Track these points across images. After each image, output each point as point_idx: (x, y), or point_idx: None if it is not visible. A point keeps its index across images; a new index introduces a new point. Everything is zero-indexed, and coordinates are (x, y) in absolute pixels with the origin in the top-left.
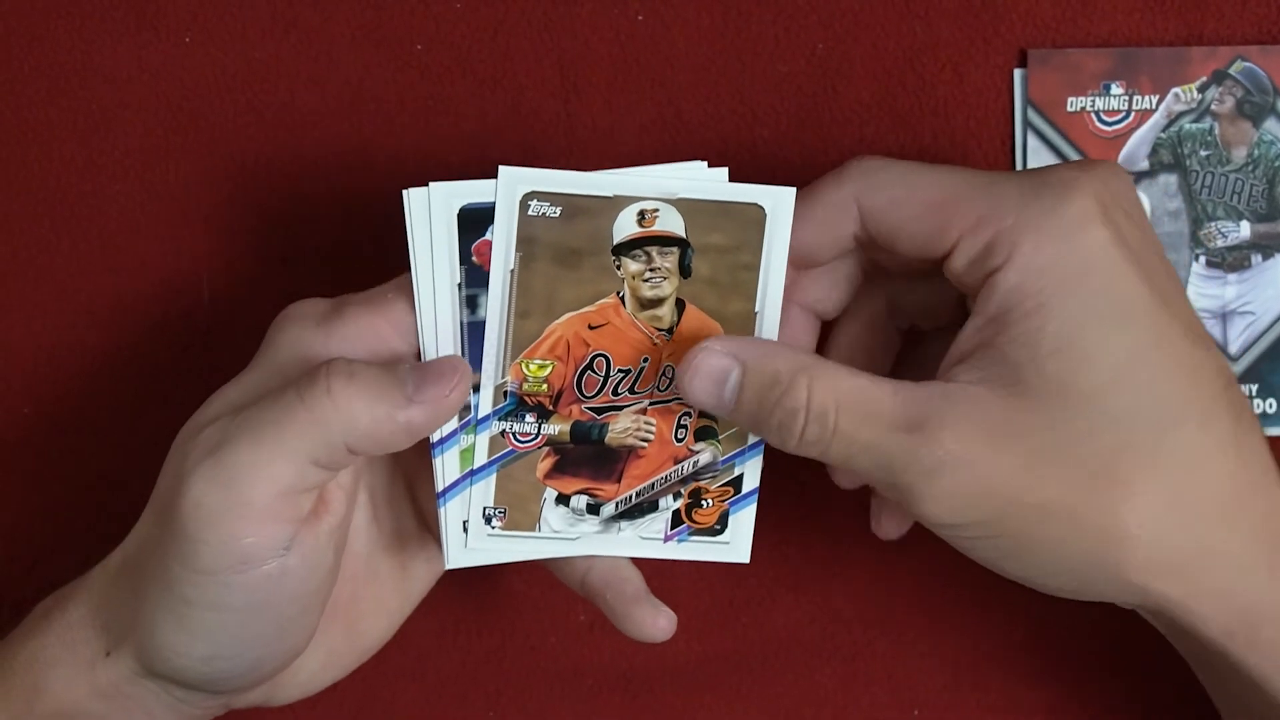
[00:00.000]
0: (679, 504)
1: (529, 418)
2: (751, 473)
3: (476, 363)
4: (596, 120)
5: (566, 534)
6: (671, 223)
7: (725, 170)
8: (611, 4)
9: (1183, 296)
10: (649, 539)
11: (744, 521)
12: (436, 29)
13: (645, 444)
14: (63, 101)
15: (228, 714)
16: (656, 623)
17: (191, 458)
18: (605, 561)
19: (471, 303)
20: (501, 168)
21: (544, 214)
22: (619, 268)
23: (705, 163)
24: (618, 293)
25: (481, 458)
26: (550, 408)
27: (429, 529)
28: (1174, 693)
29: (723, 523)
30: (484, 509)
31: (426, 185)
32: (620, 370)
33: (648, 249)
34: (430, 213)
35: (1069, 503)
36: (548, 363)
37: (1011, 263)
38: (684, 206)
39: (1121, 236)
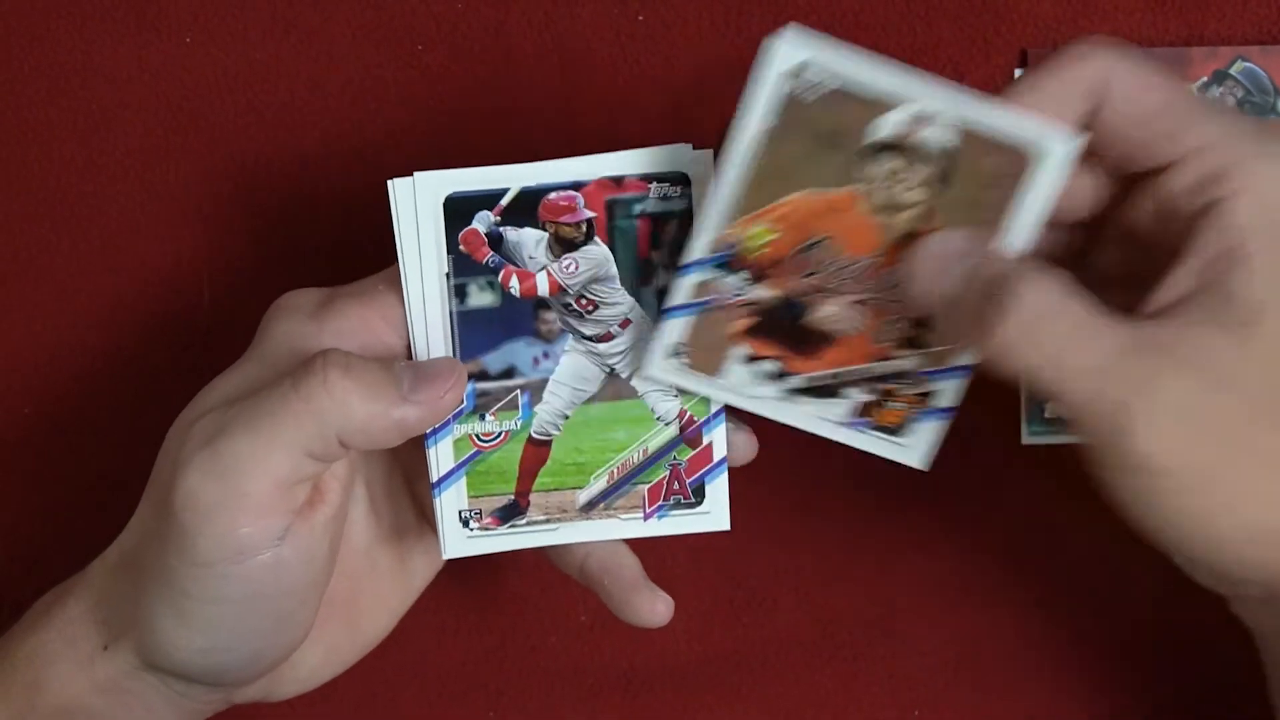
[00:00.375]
0: (866, 397)
1: (741, 276)
2: (949, 392)
3: (471, 350)
4: (597, 120)
5: (744, 391)
6: (940, 135)
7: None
8: (612, 4)
9: None
10: (827, 419)
11: (928, 432)
12: (437, 29)
13: (848, 334)
14: (63, 101)
15: (231, 712)
16: (655, 608)
17: (187, 449)
18: (603, 548)
19: (460, 292)
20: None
21: (816, 86)
22: (874, 163)
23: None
24: (866, 186)
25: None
26: (765, 274)
27: (428, 522)
28: (1174, 694)
29: (906, 427)
30: (460, 512)
31: (411, 175)
32: (846, 259)
33: (907, 154)
34: (416, 202)
35: None
36: (774, 230)
37: (1246, 194)
38: (958, 123)
39: None
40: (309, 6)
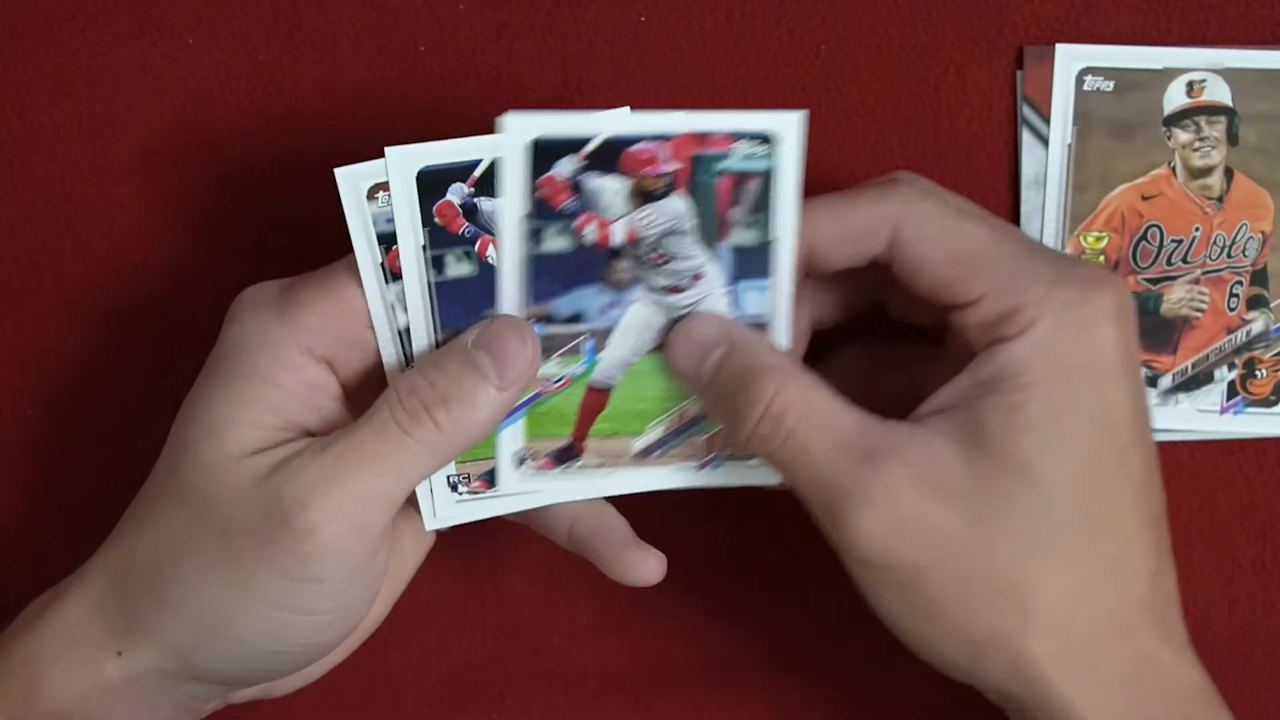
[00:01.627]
0: (1234, 375)
1: None
2: None
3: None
4: None
5: None
6: (1219, 92)
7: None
8: (615, 6)
9: (1149, 417)
10: (1204, 411)
11: None
12: (440, 31)
13: (1199, 314)
14: (66, 104)
15: (235, 712)
16: (647, 564)
17: (292, 492)
18: (589, 510)
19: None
20: (1029, 49)
21: (1098, 89)
22: (1169, 139)
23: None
24: (1169, 163)
25: None
26: None
27: (411, 505)
28: None
29: (1277, 393)
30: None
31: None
32: (1173, 240)
33: (1196, 119)
34: (389, 178)
35: (996, 575)
36: (1104, 234)
37: (1025, 337)
38: (1231, 76)
39: (1126, 344)
40: (312, 8)
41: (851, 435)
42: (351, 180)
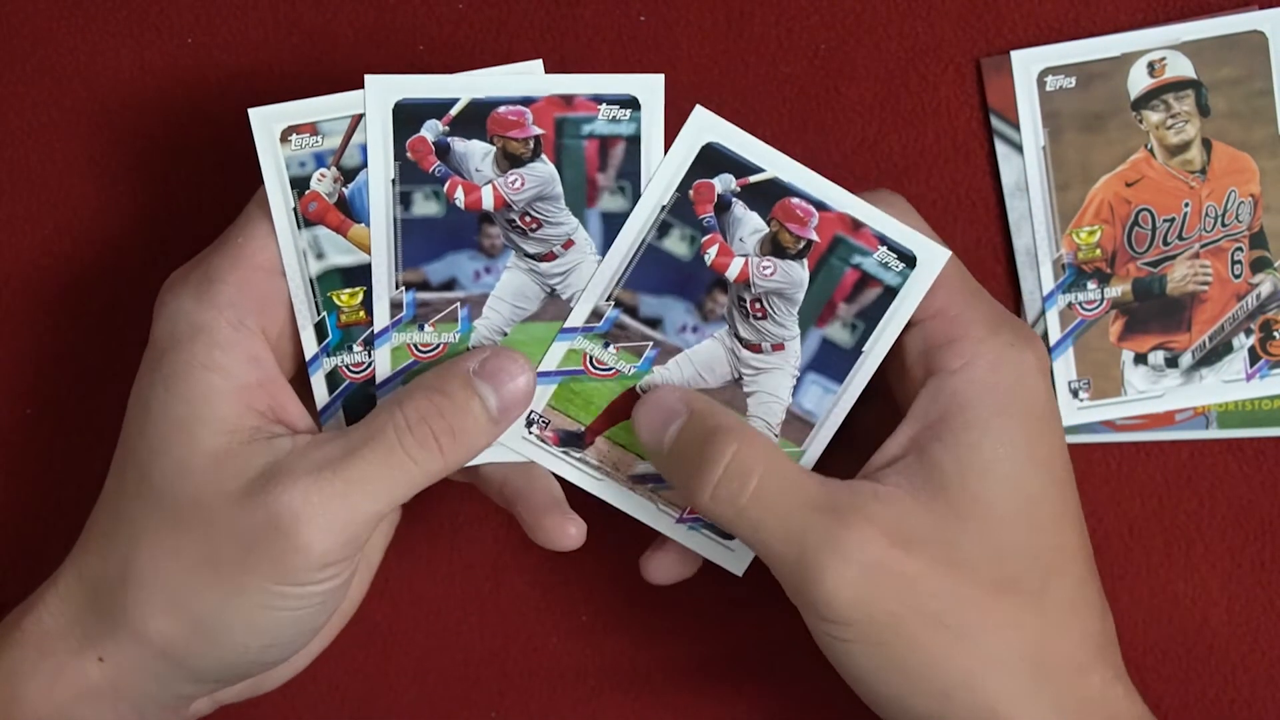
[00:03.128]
0: (1252, 340)
1: (1090, 285)
2: None
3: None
4: None
5: (1151, 393)
6: (1181, 67)
7: (1250, 11)
8: (614, 5)
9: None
10: (1230, 382)
11: None
12: (439, 30)
13: (1205, 287)
14: (65, 103)
15: (233, 713)
16: (565, 529)
17: (287, 504)
18: (519, 471)
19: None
20: (1016, 54)
21: (1061, 87)
22: (1141, 122)
23: None
24: (1145, 146)
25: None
26: (1108, 270)
27: None
28: (1177, 694)
29: None
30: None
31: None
32: (1165, 220)
33: (1164, 97)
34: (366, 106)
35: (966, 615)
36: (1096, 228)
37: (967, 372)
38: (1189, 49)
39: (1052, 397)
40: (311, 7)
41: (817, 494)
42: (266, 121)
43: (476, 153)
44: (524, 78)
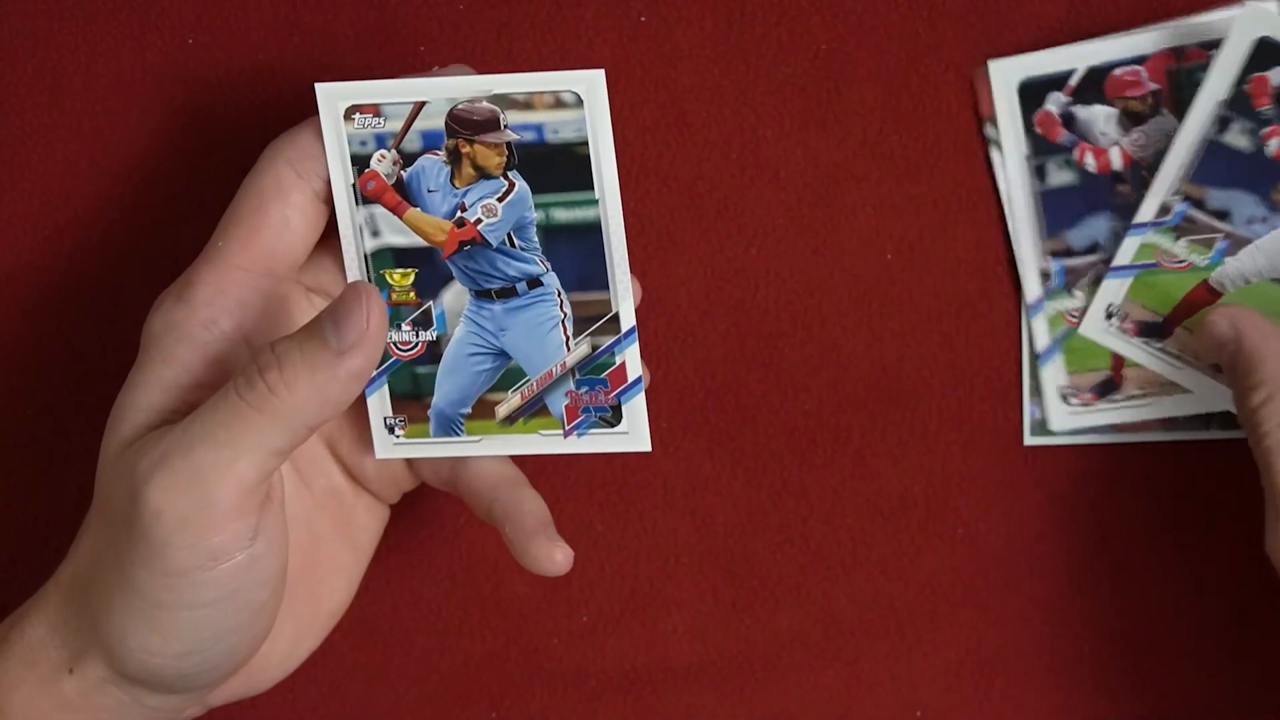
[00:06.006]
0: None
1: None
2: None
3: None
4: None
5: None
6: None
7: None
8: (614, 5)
9: None
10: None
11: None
12: (440, 30)
13: None
14: (66, 103)
15: (231, 715)
16: (552, 556)
17: (141, 469)
18: (508, 493)
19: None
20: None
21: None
22: None
23: None
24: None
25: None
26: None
27: (358, 482)
28: (1178, 694)
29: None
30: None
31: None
32: None
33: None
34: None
35: None
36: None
37: None
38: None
39: None
40: (311, 7)
41: None
42: (331, 98)
43: (1099, 117)
44: (1130, 37)
